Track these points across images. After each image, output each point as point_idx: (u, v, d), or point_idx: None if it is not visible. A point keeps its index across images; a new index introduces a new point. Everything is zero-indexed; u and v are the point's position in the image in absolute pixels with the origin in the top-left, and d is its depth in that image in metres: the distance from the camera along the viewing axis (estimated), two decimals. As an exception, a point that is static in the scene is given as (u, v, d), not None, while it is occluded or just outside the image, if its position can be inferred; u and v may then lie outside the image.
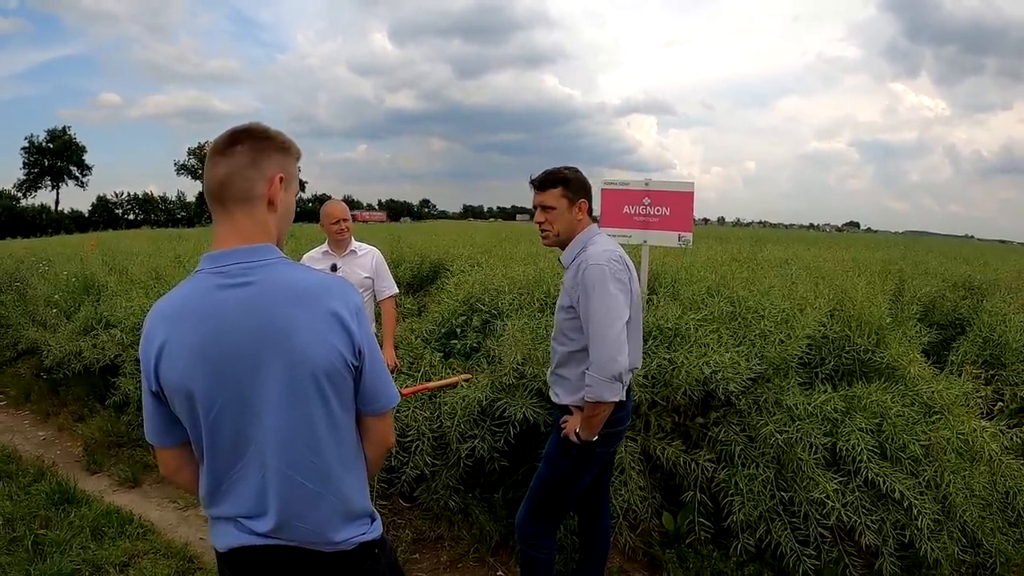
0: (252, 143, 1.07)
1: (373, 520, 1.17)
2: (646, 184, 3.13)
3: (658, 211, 3.11)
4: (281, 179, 1.09)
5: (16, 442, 4.05)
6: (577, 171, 1.94)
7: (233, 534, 1.09)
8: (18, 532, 2.80)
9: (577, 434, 1.84)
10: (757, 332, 2.65)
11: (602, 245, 1.86)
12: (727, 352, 2.43)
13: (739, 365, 2.41)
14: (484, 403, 2.51)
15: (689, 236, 3.08)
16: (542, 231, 1.94)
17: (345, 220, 3.11)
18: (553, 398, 1.99)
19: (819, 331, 2.82)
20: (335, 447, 1.09)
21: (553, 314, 2.91)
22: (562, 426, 1.92)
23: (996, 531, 2.47)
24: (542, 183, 1.91)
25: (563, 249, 1.95)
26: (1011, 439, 2.67)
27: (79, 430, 4.10)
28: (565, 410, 1.94)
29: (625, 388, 1.82)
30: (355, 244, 3.23)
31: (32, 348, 4.78)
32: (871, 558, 2.40)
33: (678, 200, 3.09)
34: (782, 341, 2.63)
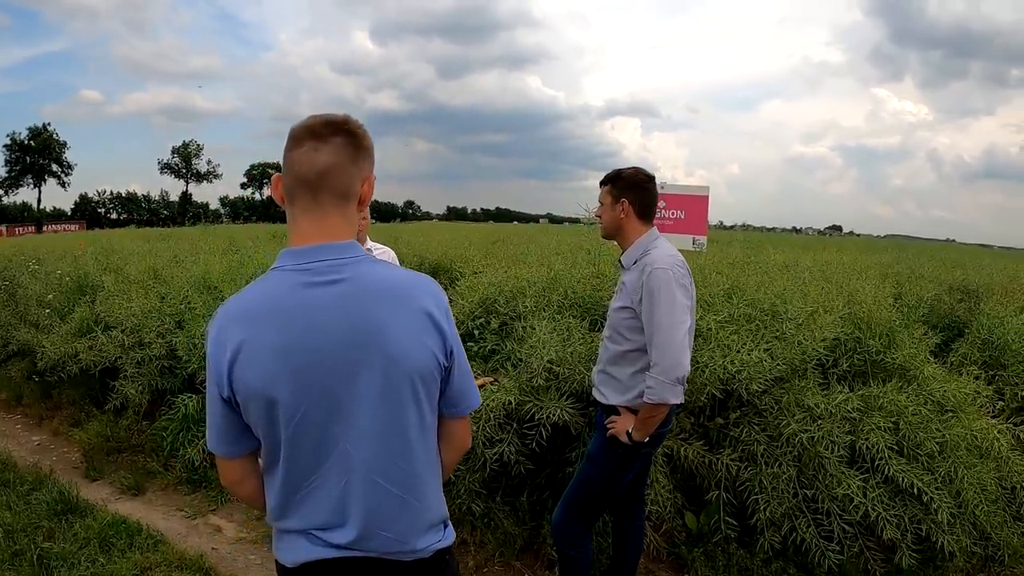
0: (351, 138, 1.02)
1: (446, 526, 1.14)
2: (662, 187, 3.16)
3: (673, 214, 3.15)
4: (372, 180, 1.07)
5: (10, 448, 3.91)
6: (634, 171, 1.99)
7: (305, 547, 1.02)
8: (20, 545, 2.65)
9: (629, 435, 1.85)
10: (776, 334, 2.70)
11: (665, 250, 1.90)
12: (752, 351, 2.47)
13: (763, 364, 2.45)
14: (512, 406, 2.50)
15: (703, 239, 3.13)
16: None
17: (364, 219, 3.08)
18: (599, 397, 2.00)
19: (832, 333, 2.88)
20: (423, 451, 1.05)
21: (572, 317, 2.94)
22: (608, 427, 1.92)
23: (1004, 525, 2.55)
24: (602, 180, 2.01)
25: (621, 245, 2.01)
26: (1015, 437, 2.76)
27: (75, 435, 3.97)
28: (611, 410, 1.94)
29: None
30: (371, 243, 3.19)
31: (23, 350, 4.62)
32: (890, 552, 2.46)
33: (693, 203, 3.13)
34: (800, 343, 2.68)
